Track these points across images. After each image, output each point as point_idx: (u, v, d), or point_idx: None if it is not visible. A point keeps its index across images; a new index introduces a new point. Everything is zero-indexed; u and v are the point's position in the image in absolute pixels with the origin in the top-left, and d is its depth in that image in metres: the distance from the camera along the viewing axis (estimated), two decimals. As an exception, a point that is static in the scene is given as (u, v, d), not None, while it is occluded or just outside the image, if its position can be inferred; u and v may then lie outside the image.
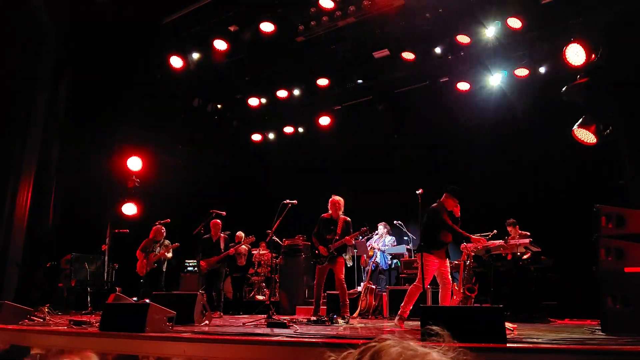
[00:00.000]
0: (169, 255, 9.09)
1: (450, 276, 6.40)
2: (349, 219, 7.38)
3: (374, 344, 0.98)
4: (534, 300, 7.49)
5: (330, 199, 7.49)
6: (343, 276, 7.20)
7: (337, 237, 7.20)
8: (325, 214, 7.53)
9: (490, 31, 8.71)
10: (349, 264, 7.23)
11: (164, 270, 9.08)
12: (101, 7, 9.53)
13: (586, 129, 6.53)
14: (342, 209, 7.44)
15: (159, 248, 9.02)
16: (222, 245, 9.10)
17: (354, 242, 7.20)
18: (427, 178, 9.04)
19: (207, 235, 9.05)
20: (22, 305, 6.47)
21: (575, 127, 6.65)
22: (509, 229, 8.35)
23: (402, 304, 6.29)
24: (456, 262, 7.71)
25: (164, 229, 9.14)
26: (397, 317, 6.33)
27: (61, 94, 10.67)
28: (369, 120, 11.60)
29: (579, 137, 6.73)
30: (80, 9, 9.85)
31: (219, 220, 9.15)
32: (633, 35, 6.04)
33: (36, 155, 10.31)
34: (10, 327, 5.61)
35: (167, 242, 9.13)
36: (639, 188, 5.66)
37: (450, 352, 1.02)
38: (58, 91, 10.64)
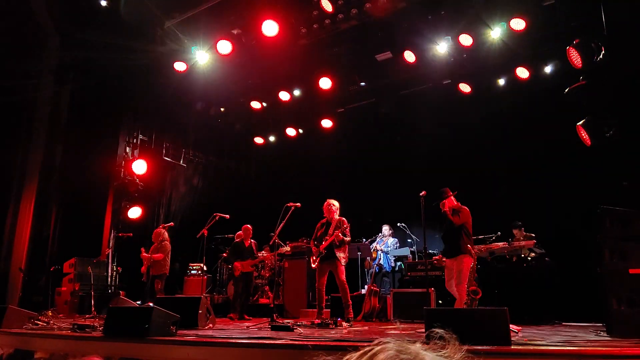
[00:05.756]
0: (156, 256, 8.89)
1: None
2: (344, 219, 7.33)
3: (372, 347, 0.97)
4: (538, 302, 7.45)
5: (325, 203, 7.49)
6: (344, 276, 7.14)
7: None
8: (323, 219, 7.53)
9: (494, 32, 8.71)
10: (343, 262, 7.17)
11: (161, 273, 8.89)
12: (104, 11, 9.57)
13: (584, 132, 6.52)
14: (337, 211, 7.41)
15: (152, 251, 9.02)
16: (255, 250, 9.23)
17: (342, 238, 7.11)
18: (430, 180, 9.01)
19: (239, 240, 9.12)
20: (26, 310, 6.48)
21: (579, 123, 6.63)
22: (514, 231, 8.31)
23: None
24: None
25: (161, 231, 9.12)
26: None
27: (64, 99, 10.73)
28: (372, 122, 11.59)
29: (582, 135, 6.72)
30: (82, 13, 9.90)
31: (249, 226, 9.29)
32: (634, 36, 6.03)
33: (39, 160, 10.36)
34: (14, 331, 5.62)
35: (164, 243, 9.04)
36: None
37: (455, 355, 1.01)
38: (60, 96, 10.70)
